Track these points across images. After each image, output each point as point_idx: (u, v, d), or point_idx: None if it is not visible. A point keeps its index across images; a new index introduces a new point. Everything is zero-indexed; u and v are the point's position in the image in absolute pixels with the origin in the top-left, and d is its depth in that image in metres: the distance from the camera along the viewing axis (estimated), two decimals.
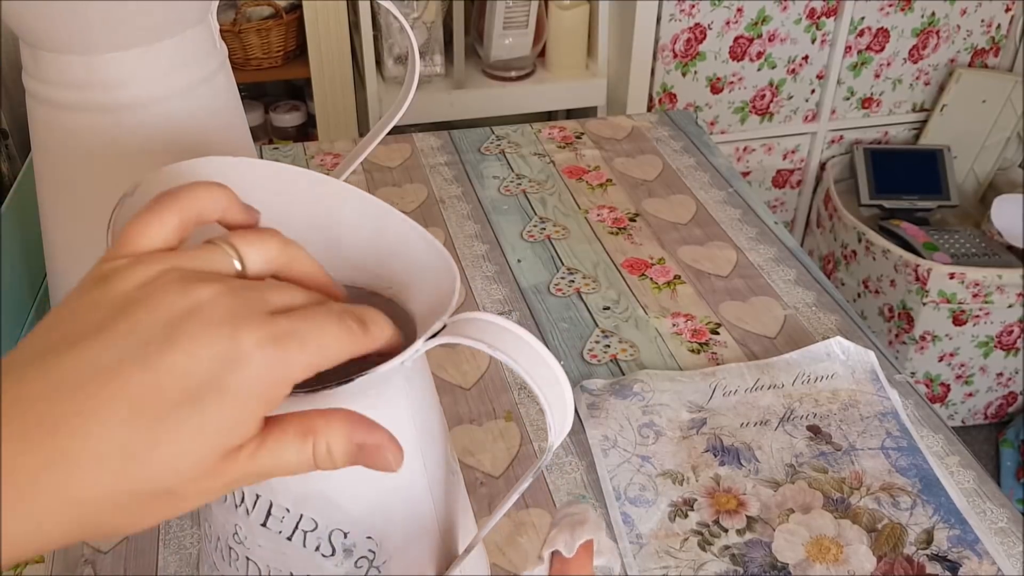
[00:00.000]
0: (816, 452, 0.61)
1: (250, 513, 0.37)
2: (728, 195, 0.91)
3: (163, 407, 0.25)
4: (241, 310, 0.27)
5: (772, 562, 0.55)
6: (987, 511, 0.58)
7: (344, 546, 0.37)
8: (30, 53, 0.51)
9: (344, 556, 0.37)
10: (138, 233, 0.29)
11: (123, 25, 0.49)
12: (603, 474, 0.60)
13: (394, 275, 0.39)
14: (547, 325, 0.74)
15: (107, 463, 0.25)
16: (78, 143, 0.52)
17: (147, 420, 0.25)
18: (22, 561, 0.42)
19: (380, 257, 0.40)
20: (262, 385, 0.26)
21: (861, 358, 0.68)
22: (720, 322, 0.74)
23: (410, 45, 0.55)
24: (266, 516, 0.37)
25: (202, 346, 0.26)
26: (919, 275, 1.49)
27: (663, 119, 1.05)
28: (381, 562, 0.37)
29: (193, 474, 0.26)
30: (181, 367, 0.26)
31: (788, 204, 1.81)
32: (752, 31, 1.56)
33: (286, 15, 1.51)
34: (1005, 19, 1.67)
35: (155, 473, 0.26)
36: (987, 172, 1.72)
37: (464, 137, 1.01)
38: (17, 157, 0.81)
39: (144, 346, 0.26)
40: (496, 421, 0.65)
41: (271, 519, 0.37)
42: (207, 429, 0.26)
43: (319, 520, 0.36)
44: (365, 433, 0.29)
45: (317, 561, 0.37)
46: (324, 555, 0.37)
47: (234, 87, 0.57)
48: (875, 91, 1.70)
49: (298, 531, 0.37)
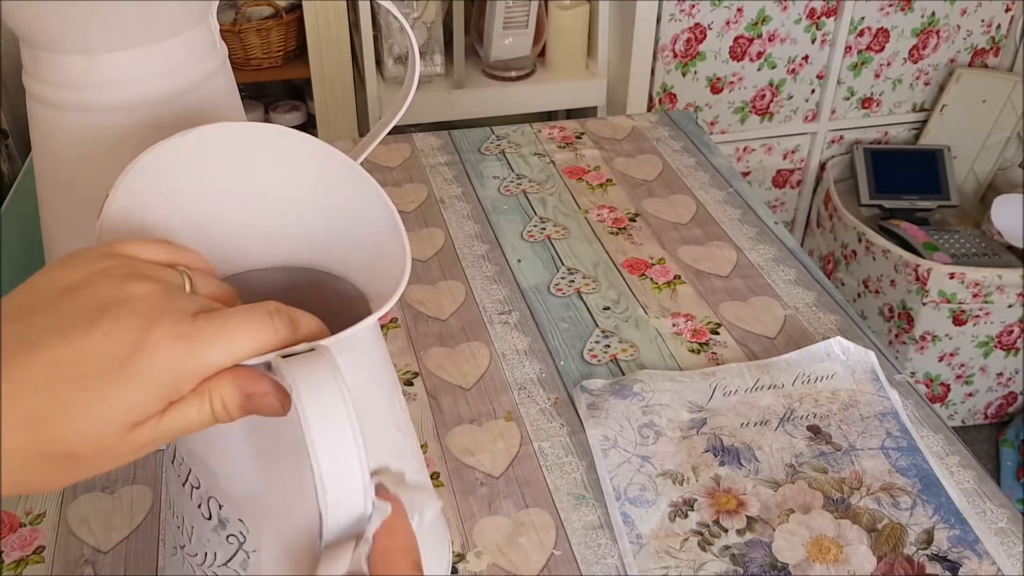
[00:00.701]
0: (816, 452, 0.61)
1: (164, 450, 0.41)
2: (728, 195, 0.91)
3: (78, 380, 0.29)
4: (164, 308, 0.30)
5: (772, 562, 0.55)
6: (987, 511, 0.58)
7: (219, 516, 0.39)
8: (30, 53, 0.51)
9: (219, 525, 0.39)
10: (131, 245, 0.34)
11: (123, 25, 0.49)
12: (603, 474, 0.60)
13: (346, 251, 0.41)
14: (547, 325, 0.74)
15: (22, 424, 0.28)
16: (78, 143, 0.52)
17: (63, 389, 0.28)
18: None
19: (333, 228, 0.41)
20: (166, 374, 0.30)
21: (861, 358, 0.68)
22: (720, 322, 0.74)
23: (410, 45, 0.55)
24: (172, 457, 0.41)
25: (120, 332, 0.29)
26: (919, 275, 1.49)
27: (663, 119, 1.05)
28: (251, 549, 0.38)
29: (98, 442, 0.29)
30: (97, 346, 0.29)
31: (788, 204, 1.81)
32: (752, 31, 1.56)
33: (286, 15, 1.51)
34: (1005, 19, 1.67)
35: (64, 437, 0.29)
36: (987, 172, 1.72)
37: (464, 137, 1.01)
38: (17, 157, 0.81)
39: (72, 324, 0.29)
40: (496, 421, 0.65)
41: (176, 460, 0.40)
42: (112, 404, 0.29)
43: (201, 481, 0.39)
44: (252, 383, 0.32)
45: (200, 519, 0.39)
46: (203, 516, 0.39)
47: (234, 87, 0.57)
48: (875, 91, 1.70)
49: (188, 482, 0.40)
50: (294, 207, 0.41)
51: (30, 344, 0.29)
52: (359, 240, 0.40)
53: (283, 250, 0.42)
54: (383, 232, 0.39)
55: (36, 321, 0.29)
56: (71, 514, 0.58)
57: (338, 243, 0.41)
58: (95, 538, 0.56)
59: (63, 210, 0.56)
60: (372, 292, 0.39)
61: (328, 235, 0.41)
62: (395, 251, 0.38)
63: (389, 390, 0.43)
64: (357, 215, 0.40)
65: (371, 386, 0.40)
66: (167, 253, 0.35)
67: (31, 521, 0.57)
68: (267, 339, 0.32)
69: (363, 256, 0.40)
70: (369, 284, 0.40)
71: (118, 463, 0.31)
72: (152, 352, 0.29)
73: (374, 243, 0.40)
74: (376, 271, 0.39)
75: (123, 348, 0.29)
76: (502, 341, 0.72)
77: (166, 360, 0.29)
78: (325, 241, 0.41)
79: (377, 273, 0.39)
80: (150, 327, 0.30)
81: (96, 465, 0.30)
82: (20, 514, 0.58)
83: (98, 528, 0.57)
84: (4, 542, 0.56)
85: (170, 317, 0.30)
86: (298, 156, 0.41)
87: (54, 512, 0.58)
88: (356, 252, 0.41)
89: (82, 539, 0.56)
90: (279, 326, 0.32)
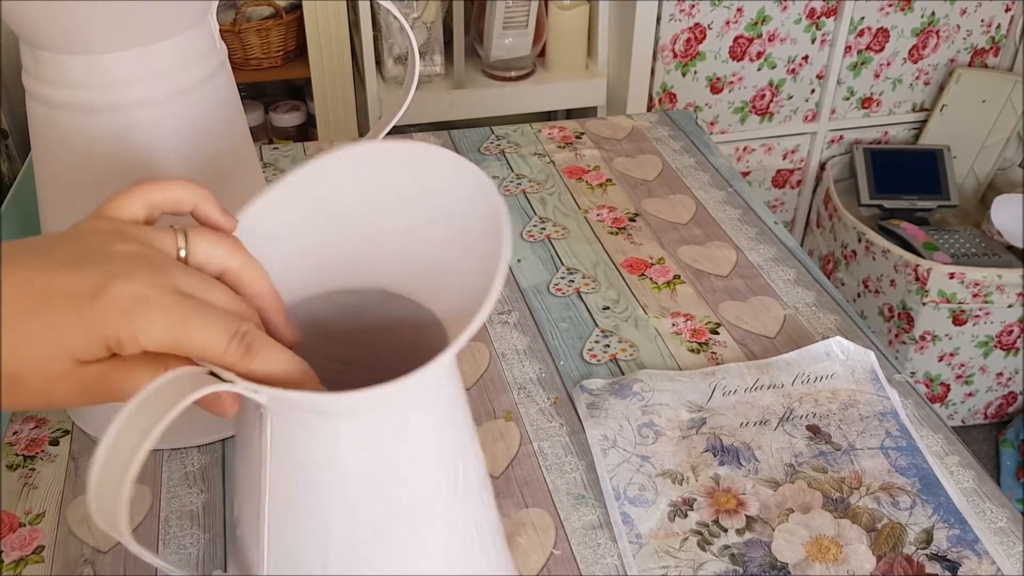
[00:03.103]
0: (816, 452, 0.61)
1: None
2: (728, 195, 0.91)
3: (35, 305, 0.30)
4: (137, 269, 0.31)
5: (772, 562, 0.55)
6: (987, 511, 0.58)
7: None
8: (30, 53, 0.51)
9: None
10: (111, 203, 0.35)
11: (123, 25, 0.49)
12: (603, 474, 0.60)
13: (422, 269, 0.39)
14: (547, 325, 0.74)
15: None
16: (78, 143, 0.52)
17: (18, 310, 0.30)
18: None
19: (412, 249, 0.39)
20: (111, 328, 0.30)
21: (861, 358, 0.68)
22: (720, 322, 0.74)
23: (410, 45, 0.55)
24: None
25: (87, 276, 0.31)
26: (919, 275, 1.49)
27: (663, 119, 1.05)
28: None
29: (39, 369, 0.31)
30: (63, 281, 0.31)
31: (788, 204, 1.81)
32: (752, 31, 1.56)
33: (286, 15, 1.51)
34: (1005, 19, 1.67)
35: (8, 358, 0.30)
36: (987, 172, 1.72)
37: (464, 137, 1.01)
38: (17, 157, 0.81)
39: (49, 257, 0.32)
40: (496, 421, 0.65)
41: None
42: (57, 335, 0.30)
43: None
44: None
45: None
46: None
47: (234, 87, 0.57)
48: (875, 91, 1.70)
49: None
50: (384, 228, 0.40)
51: (10, 256, 0.31)
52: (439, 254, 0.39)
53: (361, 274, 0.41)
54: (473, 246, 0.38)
55: (24, 247, 0.32)
56: (71, 514, 0.58)
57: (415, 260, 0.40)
58: (94, 538, 0.56)
59: (63, 210, 0.56)
60: (441, 311, 0.37)
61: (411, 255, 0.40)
62: (468, 266, 0.36)
63: (458, 451, 0.39)
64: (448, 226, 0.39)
65: (429, 457, 0.37)
66: (177, 201, 0.36)
67: (31, 521, 0.57)
68: (213, 353, 0.32)
69: (431, 267, 0.39)
70: (436, 302, 0.38)
71: (68, 400, 0.32)
72: (108, 303, 0.30)
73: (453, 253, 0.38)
74: (445, 288, 0.37)
75: (84, 289, 0.30)
76: (502, 341, 0.72)
77: (116, 315, 0.30)
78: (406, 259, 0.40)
79: (447, 290, 0.37)
80: (112, 279, 0.31)
81: (43, 394, 0.32)
82: (20, 514, 0.58)
83: (97, 528, 0.56)
84: (4, 542, 0.56)
85: (134, 277, 0.31)
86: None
87: (54, 512, 0.58)
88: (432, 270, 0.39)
89: (81, 539, 0.56)
90: (232, 349, 0.32)
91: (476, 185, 0.37)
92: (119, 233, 0.33)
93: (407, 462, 0.35)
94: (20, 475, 0.60)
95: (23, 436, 0.63)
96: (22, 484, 0.60)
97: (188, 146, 0.53)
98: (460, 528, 0.38)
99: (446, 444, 0.37)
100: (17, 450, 0.62)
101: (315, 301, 0.40)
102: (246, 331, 0.32)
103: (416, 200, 0.39)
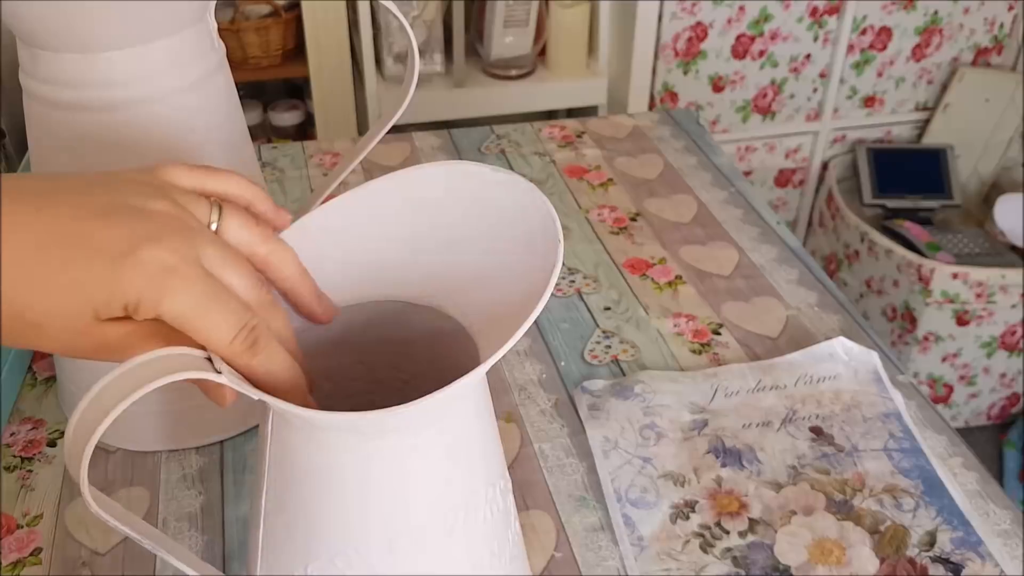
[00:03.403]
0: (818, 453, 0.61)
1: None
2: (730, 195, 0.90)
3: (66, 251, 0.30)
4: (169, 233, 0.31)
5: (774, 564, 0.54)
6: (990, 513, 0.57)
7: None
8: (27, 52, 0.50)
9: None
10: (166, 166, 0.35)
11: (121, 24, 0.48)
12: (604, 476, 0.59)
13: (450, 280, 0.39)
14: (547, 325, 0.73)
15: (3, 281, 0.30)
16: (75, 142, 0.51)
17: (49, 257, 0.30)
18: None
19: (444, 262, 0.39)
20: (133, 290, 0.30)
21: (864, 359, 0.68)
22: (722, 322, 0.73)
23: (410, 44, 0.54)
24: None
25: (120, 230, 0.31)
26: (922, 275, 1.49)
27: (664, 118, 1.05)
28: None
29: (63, 324, 0.31)
30: (96, 231, 0.30)
31: (790, 204, 1.80)
32: (754, 29, 1.56)
33: (285, 13, 1.50)
34: (1008, 18, 1.66)
35: (33, 308, 0.30)
36: (990, 171, 1.72)
37: (464, 136, 1.01)
38: (14, 156, 0.81)
39: (86, 201, 0.31)
40: (496, 422, 0.64)
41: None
42: (81, 289, 0.30)
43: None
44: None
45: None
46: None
47: (232, 86, 0.57)
48: (878, 90, 1.69)
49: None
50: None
51: (50, 189, 0.31)
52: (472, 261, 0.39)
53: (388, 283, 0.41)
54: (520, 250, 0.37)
55: (64, 185, 0.32)
56: (68, 516, 0.57)
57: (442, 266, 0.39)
58: (92, 540, 0.56)
59: None
60: (469, 321, 0.37)
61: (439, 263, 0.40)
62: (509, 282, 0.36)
63: (487, 473, 0.39)
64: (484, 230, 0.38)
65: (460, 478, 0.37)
66: (211, 183, 0.36)
67: (28, 523, 0.57)
68: (218, 343, 0.32)
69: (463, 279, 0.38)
70: (464, 314, 0.38)
71: (86, 354, 0.32)
72: (135, 266, 0.30)
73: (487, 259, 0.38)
74: (477, 300, 0.37)
75: (115, 247, 0.30)
76: None
77: (142, 281, 0.30)
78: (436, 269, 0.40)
79: (478, 303, 0.37)
80: (146, 243, 0.30)
81: (64, 344, 0.32)
82: (17, 516, 0.57)
83: (95, 530, 0.56)
84: (1, 544, 0.56)
85: (168, 244, 0.31)
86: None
87: (51, 514, 0.57)
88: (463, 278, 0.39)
89: (79, 541, 0.56)
90: (237, 344, 0.32)
91: (530, 201, 0.37)
92: (159, 189, 0.33)
93: (405, 481, 0.35)
94: (18, 476, 0.60)
95: (20, 437, 0.63)
96: (19, 485, 0.59)
97: (186, 145, 0.53)
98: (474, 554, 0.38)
99: (468, 467, 0.37)
100: (15, 451, 0.62)
101: (345, 311, 0.41)
102: (254, 326, 0.32)
103: (457, 214, 0.39)
